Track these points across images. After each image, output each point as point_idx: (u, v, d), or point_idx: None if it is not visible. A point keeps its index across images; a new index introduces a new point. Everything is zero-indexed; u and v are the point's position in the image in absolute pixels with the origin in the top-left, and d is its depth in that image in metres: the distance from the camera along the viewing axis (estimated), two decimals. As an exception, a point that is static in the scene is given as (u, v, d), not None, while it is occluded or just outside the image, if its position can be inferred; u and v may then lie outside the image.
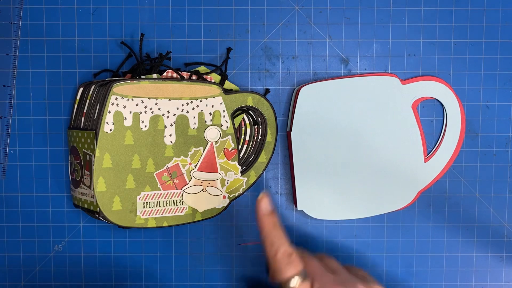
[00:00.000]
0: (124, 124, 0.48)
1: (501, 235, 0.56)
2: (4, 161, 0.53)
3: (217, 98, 0.51)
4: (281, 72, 0.54)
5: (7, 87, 0.53)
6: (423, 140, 0.54)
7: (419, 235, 0.55)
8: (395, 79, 0.53)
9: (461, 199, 0.55)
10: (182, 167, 0.50)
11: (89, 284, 0.55)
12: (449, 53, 0.54)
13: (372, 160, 0.53)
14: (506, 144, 0.55)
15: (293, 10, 0.53)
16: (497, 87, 0.54)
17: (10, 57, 0.52)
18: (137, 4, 0.53)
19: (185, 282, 0.55)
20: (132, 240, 0.54)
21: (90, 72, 0.53)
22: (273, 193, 0.55)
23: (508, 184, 0.55)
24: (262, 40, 0.53)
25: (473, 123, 0.55)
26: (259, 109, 0.52)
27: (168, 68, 0.50)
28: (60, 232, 0.54)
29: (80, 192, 0.50)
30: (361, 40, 0.54)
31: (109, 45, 0.53)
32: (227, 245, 0.55)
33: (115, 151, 0.48)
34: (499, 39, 0.54)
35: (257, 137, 0.53)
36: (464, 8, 0.54)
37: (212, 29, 0.53)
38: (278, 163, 0.55)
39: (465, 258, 0.56)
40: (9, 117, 0.53)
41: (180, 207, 0.51)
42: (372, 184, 0.53)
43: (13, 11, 0.52)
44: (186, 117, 0.50)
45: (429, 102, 0.54)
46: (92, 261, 0.55)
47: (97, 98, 0.48)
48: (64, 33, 0.53)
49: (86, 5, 0.52)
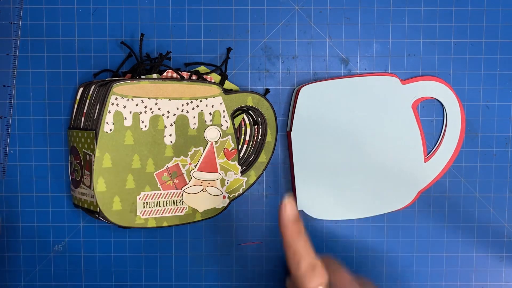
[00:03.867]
0: (124, 124, 0.48)
1: (501, 235, 0.56)
2: (4, 161, 0.53)
3: (217, 98, 0.51)
4: (281, 72, 0.54)
5: (7, 87, 0.53)
6: (423, 140, 0.54)
7: (419, 235, 0.55)
8: (395, 79, 0.53)
9: (461, 199, 0.55)
10: (182, 167, 0.50)
11: (89, 284, 0.55)
12: (449, 53, 0.54)
13: (372, 160, 0.53)
14: (506, 144, 0.55)
15: (293, 10, 0.53)
16: (497, 87, 0.54)
17: (10, 57, 0.52)
18: (137, 4, 0.53)
19: (185, 282, 0.55)
20: (132, 240, 0.54)
21: (90, 72, 0.53)
22: (273, 193, 0.55)
23: (508, 184, 0.55)
24: (262, 40, 0.53)
25: (473, 123, 0.55)
26: (259, 109, 0.52)
27: (168, 68, 0.50)
28: (60, 232, 0.54)
29: (80, 192, 0.50)
30: (361, 40, 0.54)
31: (109, 45, 0.53)
32: (227, 245, 0.55)
33: (115, 151, 0.48)
34: (499, 39, 0.54)
35: (257, 137, 0.53)
36: (464, 8, 0.54)
37: (212, 29, 0.53)
38: (278, 163, 0.55)
39: (465, 258, 0.56)
40: (9, 117, 0.53)
41: (180, 207, 0.51)
42: (372, 184, 0.53)
43: (13, 11, 0.52)
44: (186, 117, 0.50)
45: (429, 102, 0.54)
46: (92, 261, 0.55)
47: (97, 98, 0.48)
48: (64, 33, 0.53)
49: (86, 5, 0.52)
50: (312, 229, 0.55)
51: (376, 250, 0.56)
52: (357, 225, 0.55)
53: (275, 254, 0.55)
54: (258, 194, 0.55)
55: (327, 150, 0.53)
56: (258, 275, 0.55)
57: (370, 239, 0.55)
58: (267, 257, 0.55)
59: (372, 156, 0.53)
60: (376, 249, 0.56)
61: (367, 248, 0.56)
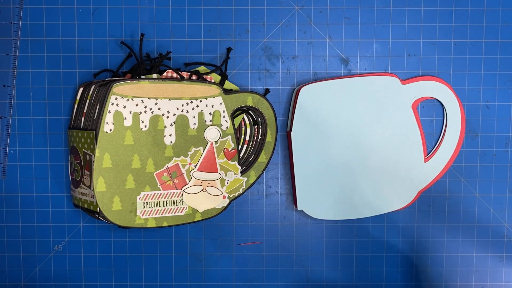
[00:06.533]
0: (124, 124, 0.48)
1: (501, 235, 0.56)
2: (4, 161, 0.53)
3: (217, 98, 0.51)
4: (281, 72, 0.54)
5: (7, 87, 0.53)
6: (423, 140, 0.54)
7: (419, 235, 0.55)
8: (395, 79, 0.53)
9: (461, 199, 0.55)
10: (182, 167, 0.50)
11: (89, 284, 0.55)
12: (449, 53, 0.54)
13: (372, 160, 0.53)
14: (506, 144, 0.55)
15: (293, 10, 0.53)
16: (497, 87, 0.54)
17: (10, 57, 0.52)
18: (137, 4, 0.53)
19: (185, 282, 0.55)
20: (132, 240, 0.54)
21: (90, 72, 0.53)
22: (273, 193, 0.55)
23: (508, 184, 0.55)
24: (262, 40, 0.53)
25: (473, 123, 0.55)
26: (259, 109, 0.52)
27: (168, 68, 0.50)
28: (60, 232, 0.54)
29: (80, 192, 0.50)
30: (361, 40, 0.54)
31: (109, 45, 0.53)
32: (227, 245, 0.55)
33: (115, 151, 0.48)
34: (499, 39, 0.54)
35: (257, 137, 0.53)
36: (464, 8, 0.54)
37: (212, 29, 0.53)
38: (278, 163, 0.55)
39: (465, 258, 0.56)
40: (9, 117, 0.53)
41: (180, 207, 0.51)
42: (372, 184, 0.53)
43: (13, 11, 0.52)
44: (186, 117, 0.50)
45: (429, 102, 0.54)
46: (92, 261, 0.55)
47: (97, 98, 0.48)
48: (64, 33, 0.53)
49: (86, 5, 0.52)
50: (312, 229, 0.55)
51: (376, 250, 0.56)
52: (357, 225, 0.55)
53: (275, 254, 0.55)
54: (258, 194, 0.55)
55: (327, 150, 0.53)
56: (258, 275, 0.55)
57: (370, 239, 0.55)
58: (267, 257, 0.55)
59: (372, 156, 0.53)
60: (376, 249, 0.56)
61: (367, 248, 0.56)
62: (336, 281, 0.56)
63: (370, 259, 0.56)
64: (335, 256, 0.55)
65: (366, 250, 0.56)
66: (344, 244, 0.55)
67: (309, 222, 0.55)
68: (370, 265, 0.56)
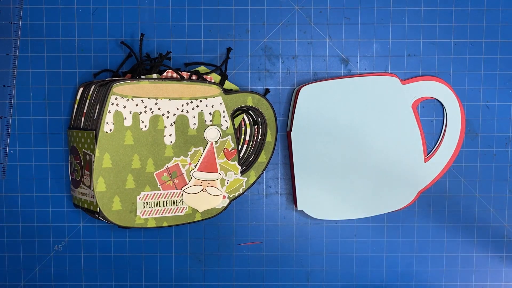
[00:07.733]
0: (124, 124, 0.48)
1: (501, 235, 0.56)
2: (4, 161, 0.53)
3: (217, 98, 0.51)
4: (281, 72, 0.54)
5: (7, 87, 0.53)
6: (423, 140, 0.54)
7: (419, 235, 0.55)
8: (395, 79, 0.53)
9: (461, 199, 0.55)
10: (182, 167, 0.50)
11: (89, 284, 0.55)
12: (449, 53, 0.54)
13: (372, 160, 0.53)
14: (506, 144, 0.55)
15: (293, 10, 0.53)
16: (497, 87, 0.54)
17: (10, 57, 0.52)
18: (137, 4, 0.53)
19: (185, 282, 0.55)
20: (132, 240, 0.54)
21: (90, 72, 0.53)
22: (273, 193, 0.55)
23: (508, 184, 0.55)
24: (262, 40, 0.53)
25: (473, 123, 0.55)
26: (259, 109, 0.52)
27: (168, 68, 0.50)
28: (60, 232, 0.54)
29: (80, 192, 0.50)
30: (361, 40, 0.54)
31: (109, 45, 0.53)
32: (227, 245, 0.55)
33: (115, 151, 0.48)
34: (499, 39, 0.54)
35: (257, 137, 0.53)
36: (464, 8, 0.54)
37: (212, 29, 0.53)
38: (278, 163, 0.55)
39: (465, 258, 0.56)
40: (9, 117, 0.53)
41: (180, 207, 0.51)
42: (372, 184, 0.53)
43: (13, 11, 0.52)
44: (186, 117, 0.50)
45: (429, 102, 0.54)
46: (92, 261, 0.55)
47: (97, 98, 0.48)
48: (64, 33, 0.53)
49: (86, 5, 0.52)
50: (312, 229, 0.55)
51: (376, 250, 0.56)
52: (357, 225, 0.55)
53: (275, 254, 0.55)
54: (258, 194, 0.55)
55: (327, 150, 0.53)
56: (258, 275, 0.55)
57: (370, 239, 0.55)
58: (267, 257, 0.55)
59: (372, 156, 0.53)
60: (376, 249, 0.56)
61: (367, 248, 0.56)
62: (336, 281, 0.56)
63: (370, 259, 0.56)
64: (335, 256, 0.55)
65: (366, 250, 0.56)
66: (344, 244, 0.55)
67: (309, 222, 0.55)
68: (370, 265, 0.56)
